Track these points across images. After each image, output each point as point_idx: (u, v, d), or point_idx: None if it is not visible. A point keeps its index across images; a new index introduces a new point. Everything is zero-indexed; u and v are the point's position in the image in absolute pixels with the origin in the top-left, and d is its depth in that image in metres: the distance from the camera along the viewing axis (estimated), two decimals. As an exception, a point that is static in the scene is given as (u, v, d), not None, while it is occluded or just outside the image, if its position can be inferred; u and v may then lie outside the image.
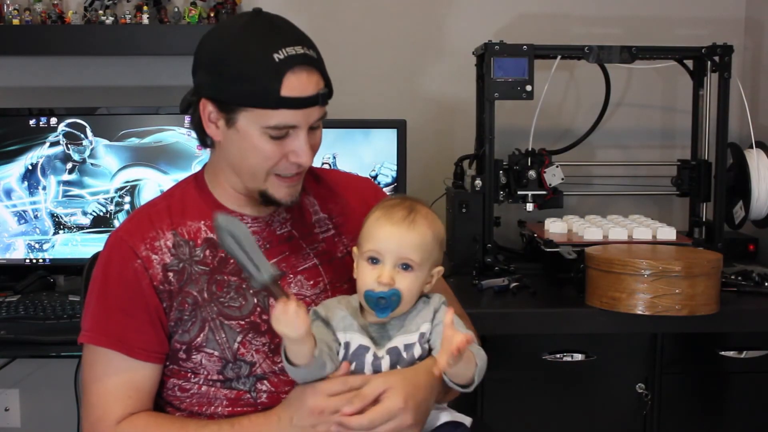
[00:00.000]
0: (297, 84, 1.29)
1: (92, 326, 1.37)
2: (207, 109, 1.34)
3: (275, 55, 1.28)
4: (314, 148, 1.37)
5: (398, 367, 1.30)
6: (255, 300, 1.37)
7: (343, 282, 1.44)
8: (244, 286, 1.38)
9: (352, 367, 1.29)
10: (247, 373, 1.36)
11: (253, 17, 1.34)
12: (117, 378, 1.35)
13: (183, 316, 1.36)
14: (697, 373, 1.96)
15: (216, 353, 1.35)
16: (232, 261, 1.37)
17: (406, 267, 1.31)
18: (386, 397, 1.25)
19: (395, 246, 1.30)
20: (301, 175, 1.39)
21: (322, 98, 1.33)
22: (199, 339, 1.36)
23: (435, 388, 1.31)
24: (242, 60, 1.29)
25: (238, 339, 1.35)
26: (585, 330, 1.89)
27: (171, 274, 1.37)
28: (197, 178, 1.46)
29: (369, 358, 1.30)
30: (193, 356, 1.36)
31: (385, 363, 1.30)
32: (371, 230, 1.33)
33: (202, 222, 1.41)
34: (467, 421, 1.37)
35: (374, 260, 1.31)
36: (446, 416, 1.35)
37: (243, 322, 1.36)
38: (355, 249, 1.37)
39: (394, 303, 1.29)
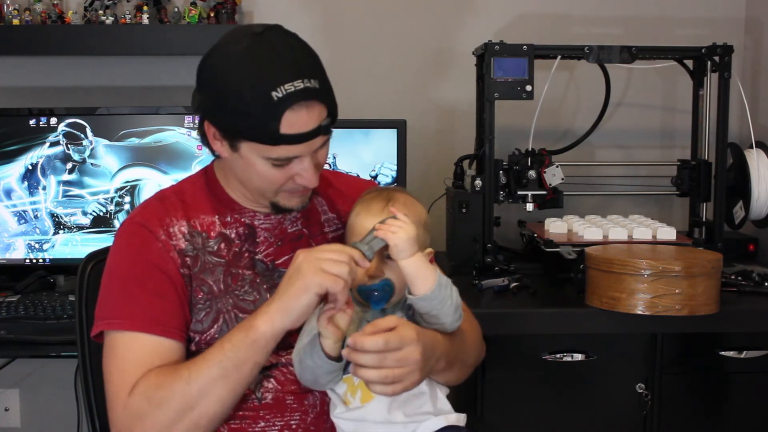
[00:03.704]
0: (296, 121, 1.28)
1: (122, 312, 1.33)
2: (211, 129, 1.35)
3: (274, 93, 1.25)
4: (319, 166, 1.38)
5: None
6: (268, 295, 1.38)
7: None
8: (258, 280, 1.40)
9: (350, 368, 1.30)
10: None
11: (254, 41, 1.28)
12: (143, 353, 1.31)
13: (197, 304, 1.37)
14: (697, 373, 1.96)
15: None
16: (246, 255, 1.40)
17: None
18: (401, 326, 1.26)
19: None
20: (310, 189, 1.40)
21: (324, 129, 1.32)
22: (212, 330, 1.36)
23: (438, 342, 1.33)
24: (241, 97, 1.27)
25: None
26: (585, 330, 1.89)
27: (188, 259, 1.38)
28: (208, 174, 1.48)
29: None
30: (202, 349, 1.35)
31: None
32: (354, 226, 1.36)
33: (216, 217, 1.42)
34: (462, 420, 1.37)
35: None
36: (442, 421, 1.34)
37: None
38: None
39: (387, 293, 1.31)
